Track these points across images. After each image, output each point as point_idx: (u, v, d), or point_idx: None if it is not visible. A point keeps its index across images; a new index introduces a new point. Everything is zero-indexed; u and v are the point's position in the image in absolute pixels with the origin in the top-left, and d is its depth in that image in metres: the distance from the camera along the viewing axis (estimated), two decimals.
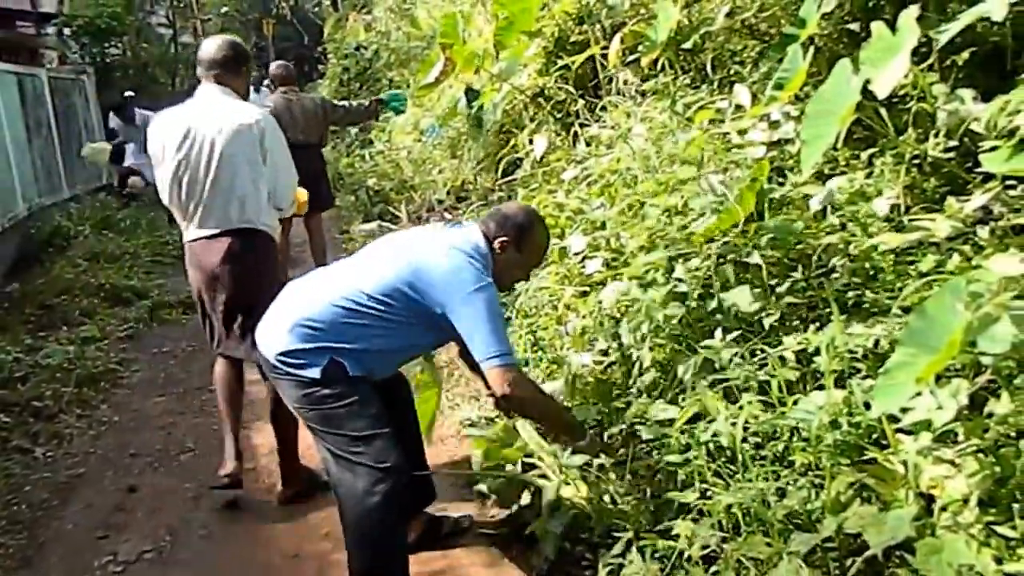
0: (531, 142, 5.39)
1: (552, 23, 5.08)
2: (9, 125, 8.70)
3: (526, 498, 3.01)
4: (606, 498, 2.78)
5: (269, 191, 3.44)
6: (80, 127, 12.21)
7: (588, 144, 4.66)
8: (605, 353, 3.42)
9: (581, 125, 4.81)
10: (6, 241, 8.04)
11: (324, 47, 14.32)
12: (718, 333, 2.69)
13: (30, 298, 6.65)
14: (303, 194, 4.13)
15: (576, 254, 3.63)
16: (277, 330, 2.54)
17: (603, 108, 4.83)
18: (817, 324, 2.71)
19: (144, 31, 18.62)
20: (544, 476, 2.95)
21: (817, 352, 2.48)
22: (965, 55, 2.86)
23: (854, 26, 3.49)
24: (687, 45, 3.80)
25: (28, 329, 6.00)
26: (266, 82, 10.53)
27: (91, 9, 15.72)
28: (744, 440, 2.42)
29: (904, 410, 2.04)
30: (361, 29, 12.32)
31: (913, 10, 2.51)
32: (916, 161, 2.91)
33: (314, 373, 2.47)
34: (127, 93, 13.93)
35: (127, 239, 8.63)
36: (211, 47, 3.47)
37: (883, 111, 2.67)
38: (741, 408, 2.45)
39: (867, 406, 2.18)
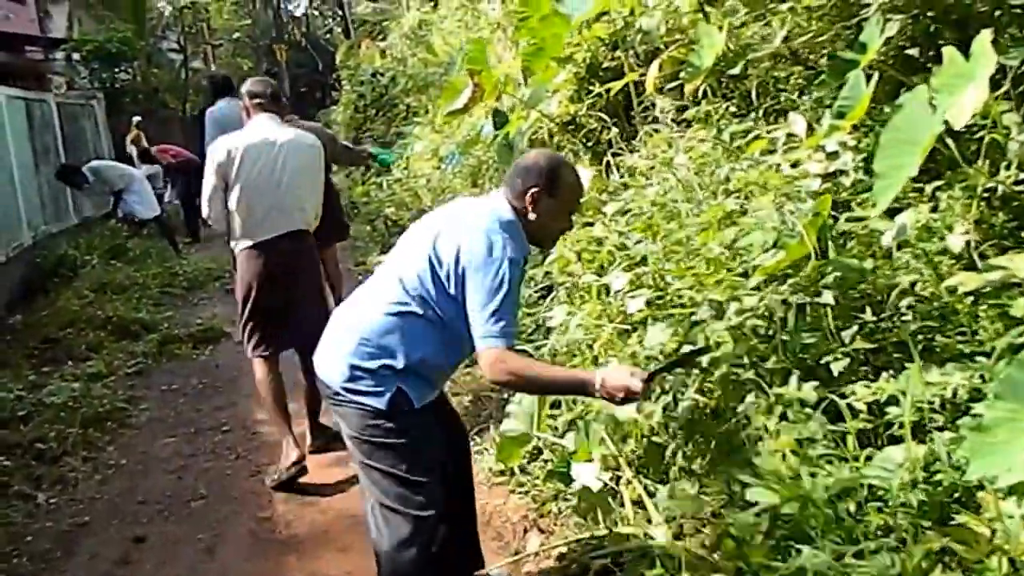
0: None
1: (584, 49, 4.89)
2: (16, 151, 8.53)
3: None
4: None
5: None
6: (89, 153, 12.04)
7: (622, 175, 4.47)
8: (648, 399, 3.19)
9: (614, 154, 4.62)
10: (10, 270, 7.83)
11: (337, 74, 14.22)
12: (792, 379, 2.47)
13: (34, 330, 6.44)
14: None
15: (617, 292, 3.40)
16: (337, 356, 2.40)
17: (637, 137, 4.65)
18: (890, 371, 2.48)
19: (155, 56, 18.56)
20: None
21: (889, 401, 2.29)
22: None
23: (912, 51, 3.29)
24: (734, 71, 3.59)
25: (32, 364, 5.78)
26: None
27: (102, 34, 15.68)
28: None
29: None
30: (377, 55, 12.22)
31: (987, 34, 2.32)
32: (985, 195, 2.70)
33: (380, 403, 2.33)
34: (135, 119, 13.90)
35: (136, 269, 8.41)
36: (260, 85, 4.13)
37: (950, 141, 2.47)
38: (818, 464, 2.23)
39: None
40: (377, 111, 11.47)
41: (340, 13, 29.35)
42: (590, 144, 4.94)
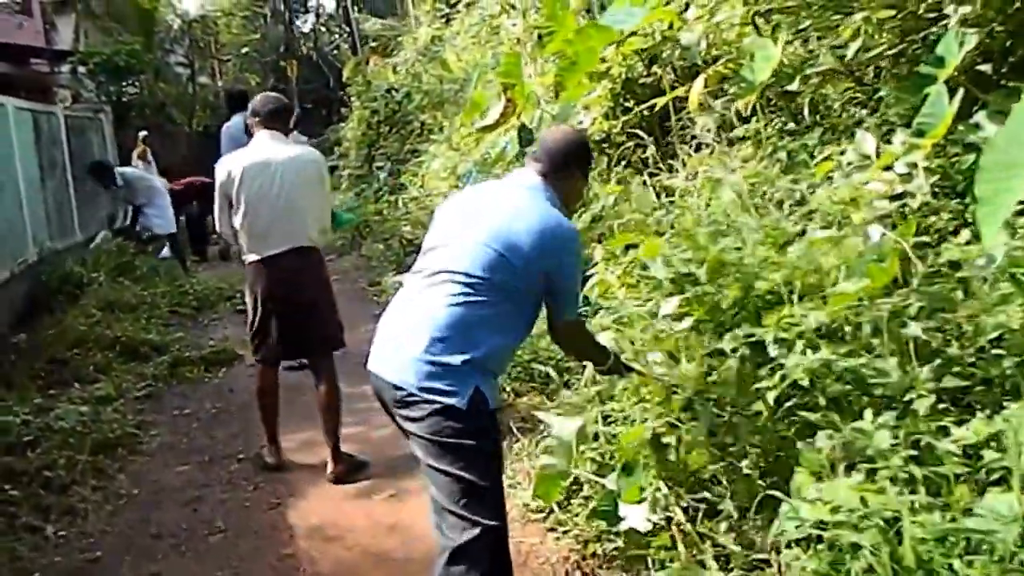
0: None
1: (620, 64, 4.70)
2: (23, 165, 8.31)
3: None
4: None
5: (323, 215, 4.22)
6: None
7: (659, 193, 4.28)
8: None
9: (651, 174, 4.43)
10: (15, 287, 7.60)
11: (346, 90, 14.07)
12: (867, 414, 2.26)
13: (40, 350, 6.20)
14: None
15: (666, 317, 3.18)
16: (408, 357, 2.34)
17: (674, 155, 4.47)
18: (984, 410, 2.28)
19: (162, 70, 18.43)
20: None
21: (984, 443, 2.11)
22: None
23: (984, 67, 3.10)
24: (792, 87, 3.40)
25: (38, 386, 5.54)
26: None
27: (109, 47, 15.55)
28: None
29: None
30: (389, 72, 12.07)
31: None
32: None
33: (460, 403, 2.29)
34: (141, 133, 13.72)
35: (144, 287, 8.16)
36: (260, 102, 4.17)
37: None
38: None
39: None
40: (390, 128, 11.27)
41: (347, 29, 29.33)
42: (625, 162, 4.75)
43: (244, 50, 23.13)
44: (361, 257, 9.59)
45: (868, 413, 2.28)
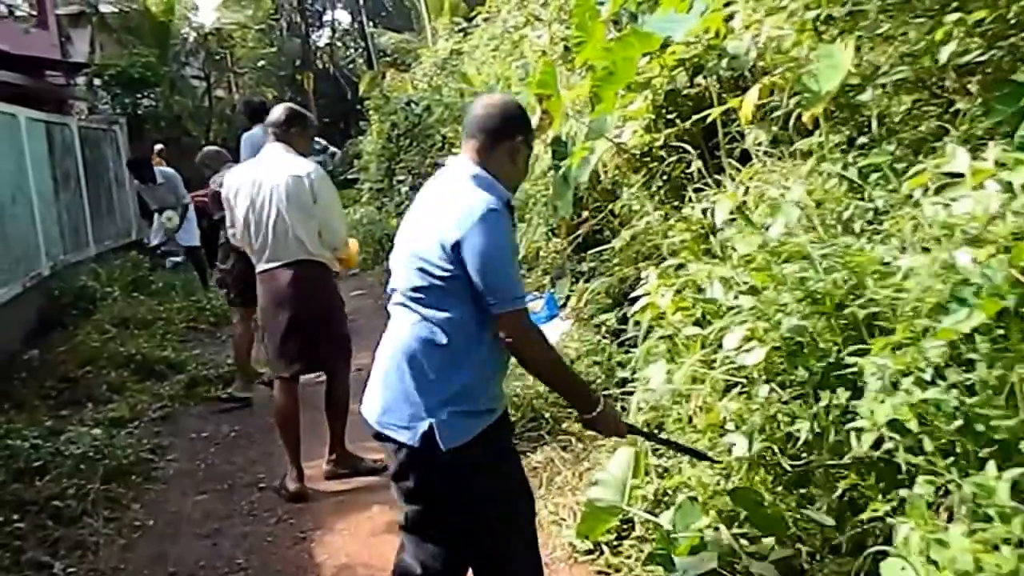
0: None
1: (663, 74, 4.46)
2: (36, 177, 8.14)
3: None
4: None
5: (320, 231, 4.04)
6: (110, 179, 11.69)
7: (705, 212, 4.02)
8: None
9: (696, 190, 4.18)
10: (27, 302, 7.41)
11: (364, 103, 13.91)
12: (990, 466, 2.00)
13: (51, 368, 5.99)
14: (355, 245, 4.63)
15: (733, 350, 2.92)
16: (374, 390, 2.33)
17: (720, 170, 4.22)
18: None
19: (178, 83, 18.33)
20: None
21: None
22: None
23: None
24: (864, 96, 3.15)
25: (49, 406, 5.33)
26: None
27: (124, 59, 15.45)
28: None
29: None
30: (409, 84, 11.91)
31: None
32: None
33: (411, 440, 2.18)
34: (157, 146, 13.57)
35: (159, 303, 7.95)
36: (276, 112, 4.15)
37: None
38: None
39: None
40: (411, 141, 11.07)
41: (363, 44, 29.34)
42: (665, 177, 4.51)
43: (260, 63, 23.04)
44: (388, 272, 9.27)
45: (991, 466, 2.01)
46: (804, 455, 2.58)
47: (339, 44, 33.07)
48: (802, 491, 2.67)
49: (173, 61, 18.59)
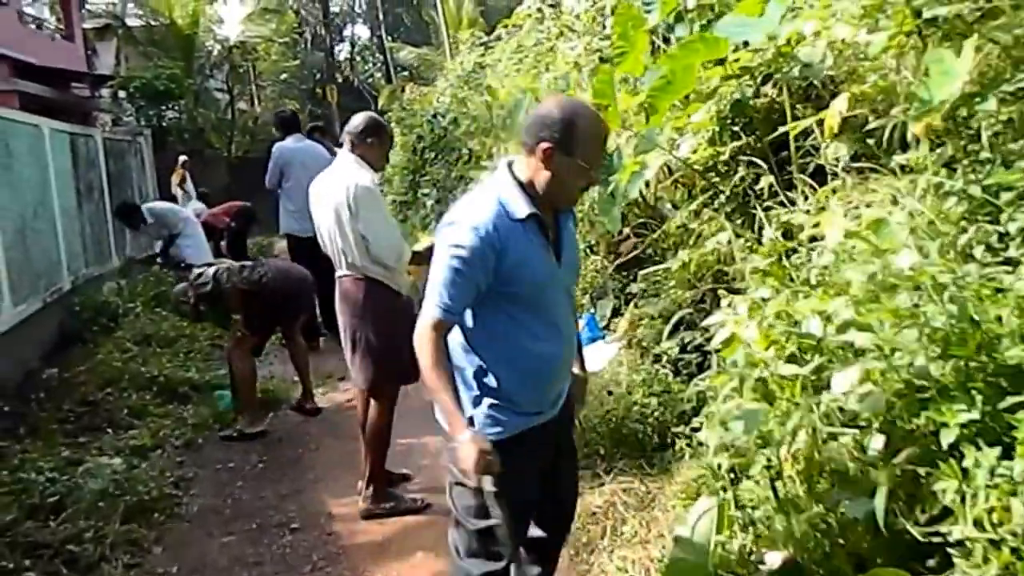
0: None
1: (734, 83, 4.13)
2: (58, 189, 7.90)
3: None
4: None
5: (368, 246, 3.81)
6: (134, 192, 11.46)
7: (779, 232, 3.67)
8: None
9: (767, 208, 3.84)
10: (47, 318, 7.14)
11: (383, 116, 13.68)
12: None
13: (71, 389, 5.69)
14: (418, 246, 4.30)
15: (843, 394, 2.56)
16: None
17: (790, 186, 3.88)
18: None
19: (202, 95, 18.22)
20: None
21: None
22: None
23: None
24: (988, 106, 2.80)
25: (67, 431, 5.02)
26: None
27: (149, 71, 15.39)
28: None
29: None
30: (433, 98, 11.65)
31: None
32: None
33: None
34: (181, 157, 13.42)
35: (183, 319, 7.67)
36: (356, 120, 3.99)
37: None
38: None
39: None
40: (435, 154, 10.79)
41: (381, 58, 29.28)
42: (727, 194, 4.16)
43: (283, 76, 22.94)
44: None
45: None
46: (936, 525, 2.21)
47: (358, 58, 33.09)
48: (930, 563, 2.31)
49: (197, 74, 18.53)
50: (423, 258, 3.93)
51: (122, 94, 15.38)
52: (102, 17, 19.50)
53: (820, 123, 3.62)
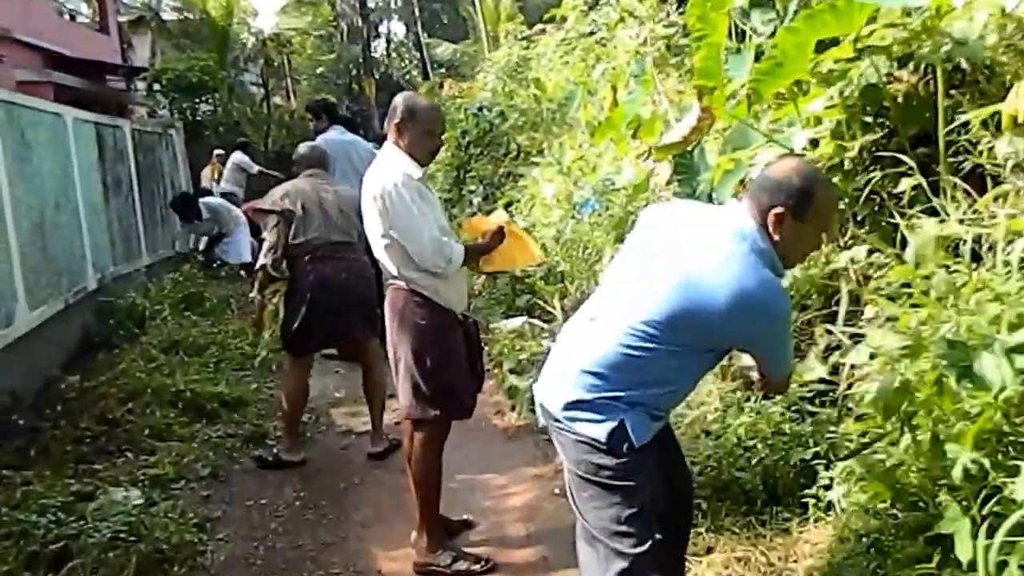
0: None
1: (856, 64, 3.46)
2: (82, 183, 7.37)
3: None
4: None
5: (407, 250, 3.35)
6: (166, 186, 10.97)
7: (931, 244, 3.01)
8: None
9: (910, 216, 3.19)
10: (69, 320, 6.62)
11: None
12: None
13: (90, 403, 5.14)
14: (488, 222, 3.66)
15: None
16: (559, 381, 2.30)
17: (937, 191, 3.24)
18: None
19: (236, 89, 17.85)
20: None
21: None
22: None
23: None
24: None
25: (81, 454, 4.46)
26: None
27: (183, 64, 15.04)
28: None
29: None
30: (477, 91, 11.18)
31: None
32: None
33: (599, 434, 2.18)
34: (216, 152, 12.97)
35: (213, 323, 7.10)
36: (394, 102, 3.51)
37: None
38: None
39: None
40: (481, 150, 10.23)
41: (418, 55, 28.84)
42: (861, 198, 3.50)
43: (319, 70, 22.53)
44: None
45: None
46: None
47: (394, 55, 32.74)
48: None
49: (232, 67, 18.16)
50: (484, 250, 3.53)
51: (156, 87, 15.03)
52: (136, 9, 19.22)
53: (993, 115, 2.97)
